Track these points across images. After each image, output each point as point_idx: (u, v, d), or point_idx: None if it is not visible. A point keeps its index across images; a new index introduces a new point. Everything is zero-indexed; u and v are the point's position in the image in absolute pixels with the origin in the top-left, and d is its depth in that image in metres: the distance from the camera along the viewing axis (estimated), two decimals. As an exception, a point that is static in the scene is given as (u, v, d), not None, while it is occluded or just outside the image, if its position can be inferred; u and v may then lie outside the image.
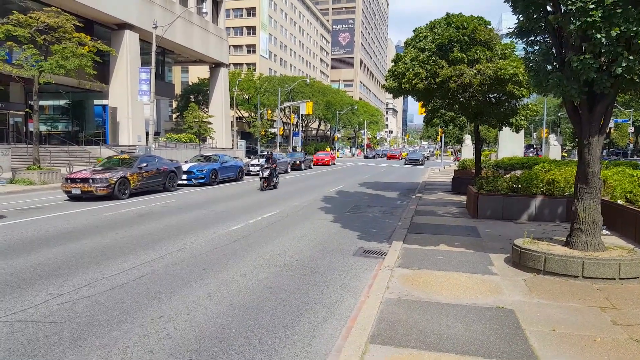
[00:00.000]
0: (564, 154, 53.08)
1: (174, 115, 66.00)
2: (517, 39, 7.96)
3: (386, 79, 17.32)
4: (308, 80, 69.54)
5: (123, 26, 34.87)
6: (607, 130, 7.40)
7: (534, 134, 73.76)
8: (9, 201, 14.82)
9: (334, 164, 47.42)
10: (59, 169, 21.87)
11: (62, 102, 39.58)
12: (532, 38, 7.58)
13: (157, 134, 40.75)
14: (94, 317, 5.19)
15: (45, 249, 8.33)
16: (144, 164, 17.23)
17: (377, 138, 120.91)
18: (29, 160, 22.75)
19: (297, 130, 73.73)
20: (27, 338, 4.62)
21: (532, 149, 62.21)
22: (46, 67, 19.95)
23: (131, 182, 16.25)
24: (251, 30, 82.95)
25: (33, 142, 21.79)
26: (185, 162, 23.15)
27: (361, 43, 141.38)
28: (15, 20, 19.79)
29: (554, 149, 33.26)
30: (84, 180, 15.18)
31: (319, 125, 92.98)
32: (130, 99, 34.82)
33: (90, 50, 21.92)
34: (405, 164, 50.19)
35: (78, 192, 15.06)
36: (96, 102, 37.49)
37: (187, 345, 4.54)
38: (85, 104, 39.07)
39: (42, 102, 32.28)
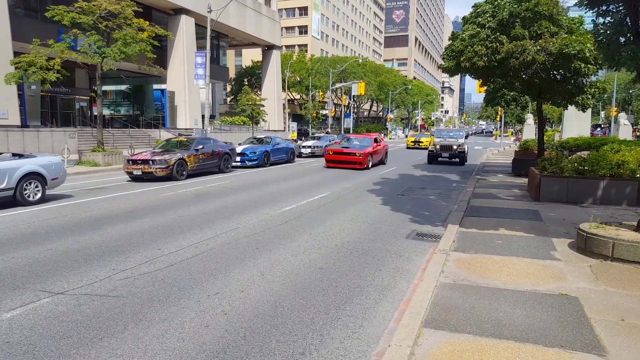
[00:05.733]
0: (638, 133, 49.58)
1: (229, 99, 67.28)
2: (587, 9, 7.39)
3: (443, 58, 16.72)
4: (360, 60, 68.58)
5: (179, 11, 35.73)
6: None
7: (602, 113, 69.27)
8: (76, 181, 15.69)
9: None
10: (121, 151, 22.89)
11: (123, 87, 41.34)
12: (604, 8, 7.01)
13: (212, 117, 41.71)
14: (153, 293, 5.39)
15: (108, 226, 8.75)
16: (200, 146, 17.72)
17: (432, 118, 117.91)
18: (94, 143, 23.95)
19: (348, 111, 73.28)
20: (92, 310, 4.88)
21: (599, 129, 58.45)
22: (109, 53, 20.76)
23: (188, 163, 16.75)
24: (303, 11, 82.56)
25: (97, 126, 22.88)
26: (239, 144, 23.61)
27: (416, 20, 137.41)
28: (79, 8, 20.67)
29: (624, 129, 31.13)
30: (145, 161, 15.81)
31: (370, 106, 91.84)
32: (187, 83, 35.79)
33: (149, 35, 22.60)
34: None
35: (139, 173, 15.71)
36: (155, 86, 38.89)
37: (241, 322, 4.63)
38: (145, 89, 40.63)
39: (105, 87, 33.79)
